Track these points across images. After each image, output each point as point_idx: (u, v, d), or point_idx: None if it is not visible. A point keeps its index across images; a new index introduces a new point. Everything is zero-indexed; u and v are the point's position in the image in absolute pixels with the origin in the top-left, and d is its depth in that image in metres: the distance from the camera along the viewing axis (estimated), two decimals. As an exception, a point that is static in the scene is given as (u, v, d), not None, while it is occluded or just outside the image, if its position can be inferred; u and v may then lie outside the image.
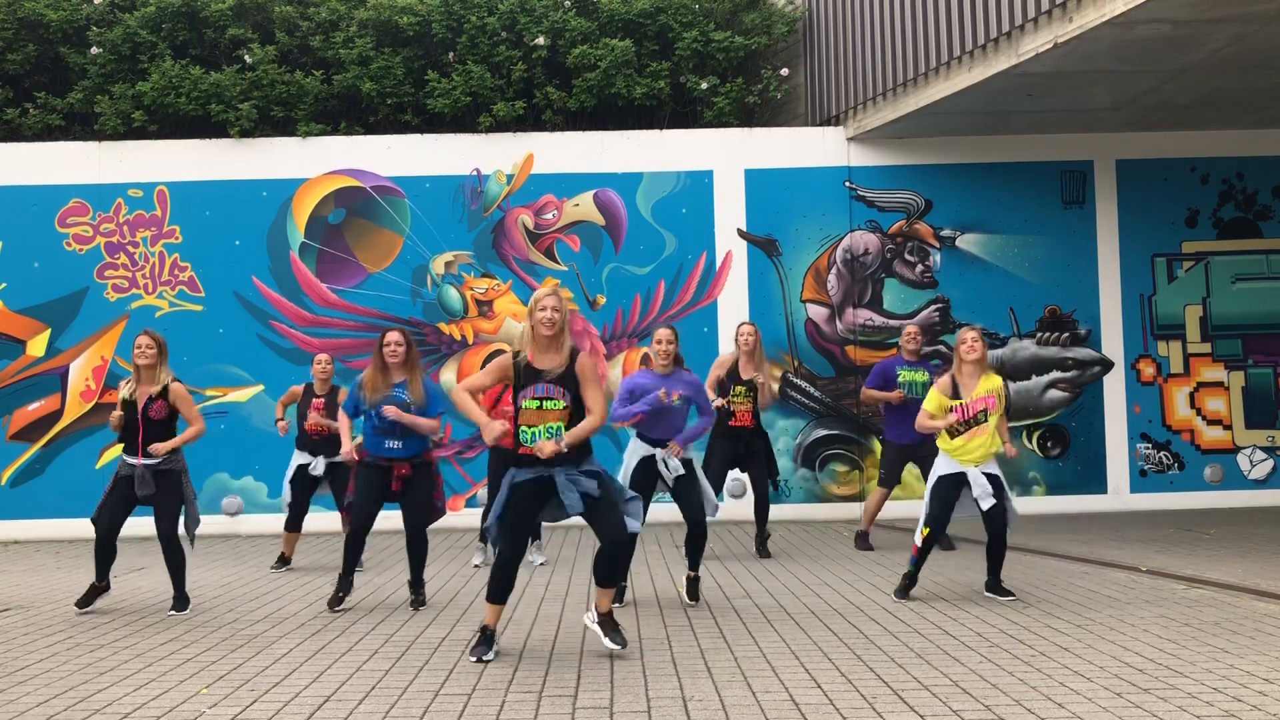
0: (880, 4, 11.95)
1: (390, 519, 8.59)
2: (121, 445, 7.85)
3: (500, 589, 6.19)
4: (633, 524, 6.23)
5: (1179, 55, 10.02)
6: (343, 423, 8.13)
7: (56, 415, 12.39)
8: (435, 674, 5.93)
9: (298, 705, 5.38)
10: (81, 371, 12.41)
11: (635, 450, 7.68)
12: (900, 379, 9.99)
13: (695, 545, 7.70)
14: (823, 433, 12.63)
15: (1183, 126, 12.61)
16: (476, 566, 9.60)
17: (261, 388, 12.42)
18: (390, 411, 7.56)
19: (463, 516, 12.01)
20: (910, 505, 11.10)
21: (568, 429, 6.05)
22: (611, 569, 6.25)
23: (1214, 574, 8.33)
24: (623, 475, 7.61)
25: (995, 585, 7.68)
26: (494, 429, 6.04)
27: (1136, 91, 11.25)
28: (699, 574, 7.84)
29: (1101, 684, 5.46)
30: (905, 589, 7.74)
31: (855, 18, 12.44)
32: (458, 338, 12.59)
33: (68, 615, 7.80)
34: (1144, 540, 10.27)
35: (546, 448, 5.96)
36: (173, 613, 7.71)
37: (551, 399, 6.04)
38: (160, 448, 7.65)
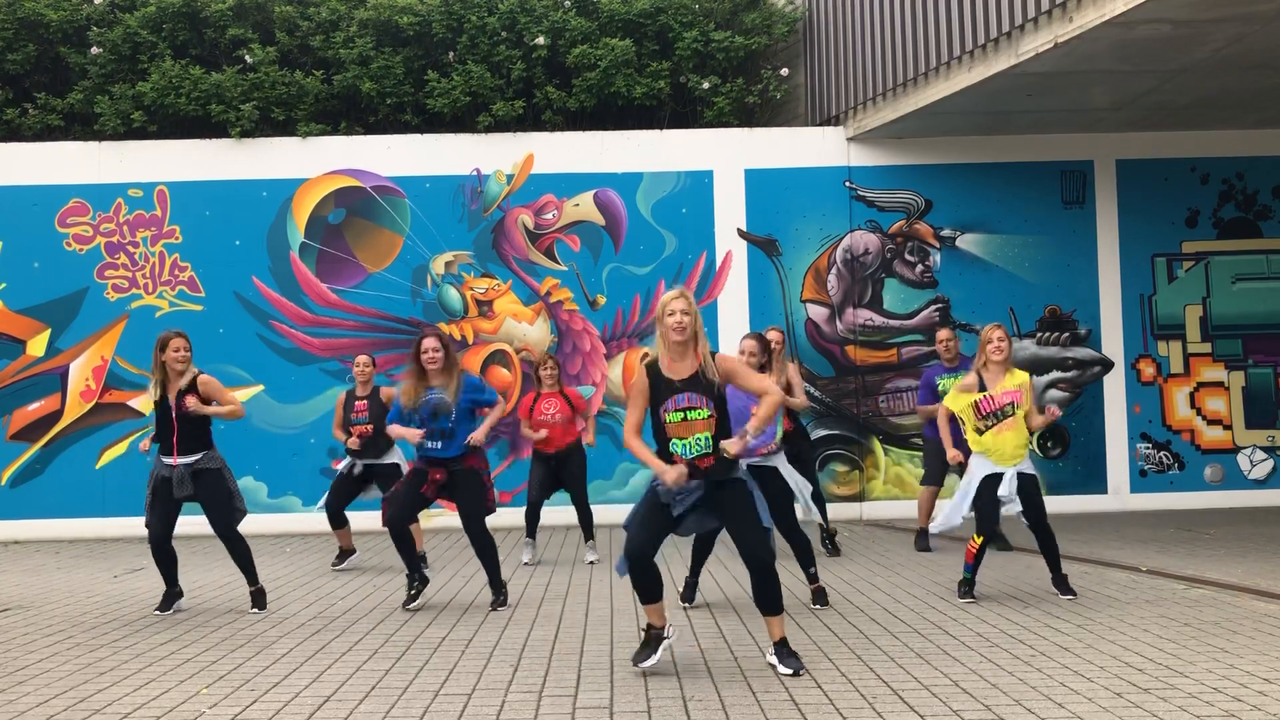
0: (880, 4, 11.95)
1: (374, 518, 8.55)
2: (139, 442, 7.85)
3: (647, 589, 5.82)
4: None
5: (1179, 55, 10.02)
6: (394, 429, 7.84)
7: (56, 415, 12.39)
8: (435, 674, 5.93)
9: (298, 705, 5.38)
10: (81, 371, 12.41)
11: None
12: (940, 387, 9.94)
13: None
14: (823, 433, 12.62)
15: (1183, 126, 12.61)
16: (525, 563, 9.64)
17: (261, 388, 12.42)
18: (477, 438, 7.56)
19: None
20: (911, 505, 11.08)
21: (714, 438, 5.66)
22: (760, 588, 5.75)
23: (1214, 574, 8.33)
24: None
25: (1059, 581, 7.58)
26: (671, 474, 5.61)
27: (1136, 91, 11.24)
28: (819, 583, 7.62)
29: (1101, 684, 5.46)
30: (968, 591, 7.60)
31: (855, 18, 12.43)
32: (458, 338, 12.58)
33: (68, 615, 7.80)
34: (1144, 540, 10.27)
35: (733, 447, 5.56)
36: (255, 611, 7.73)
37: (695, 408, 5.66)
38: (192, 403, 7.50)
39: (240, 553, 7.81)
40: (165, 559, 7.73)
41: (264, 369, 12.44)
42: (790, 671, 5.71)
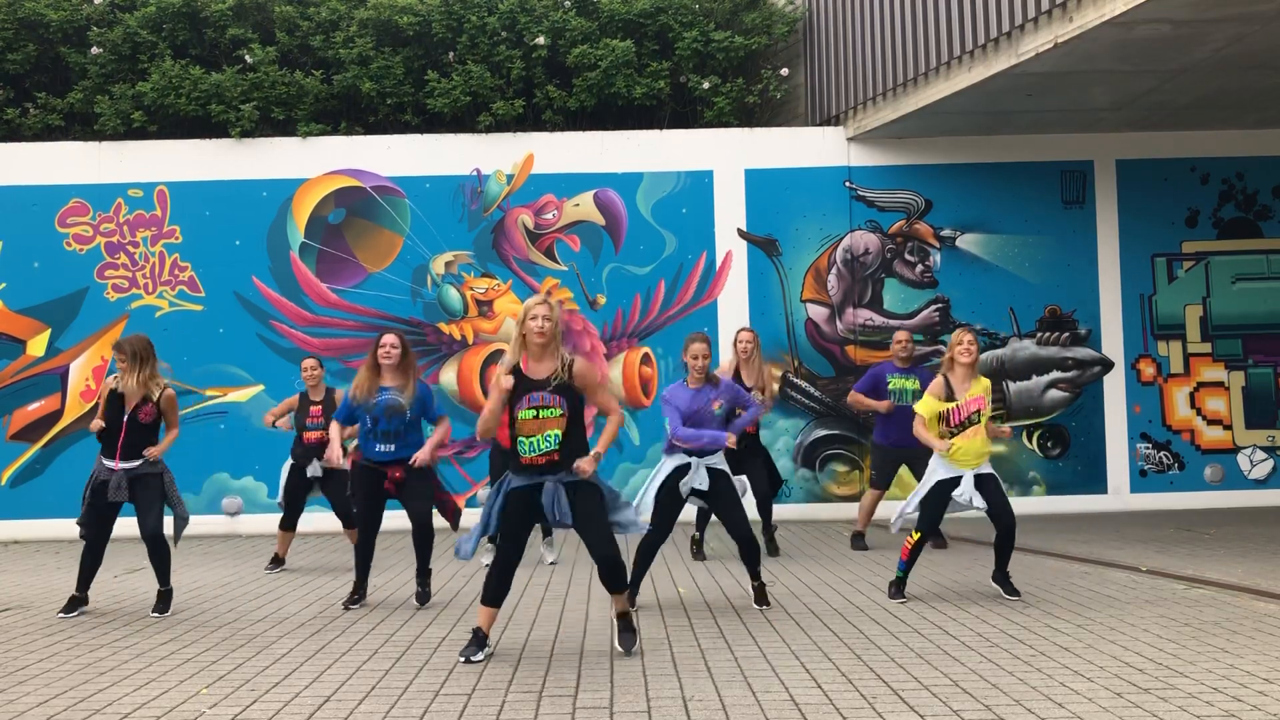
0: (880, 4, 11.95)
1: (397, 518, 8.56)
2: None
3: (493, 593, 6.19)
4: (627, 523, 6.26)
5: (1179, 55, 10.02)
6: (334, 431, 7.93)
7: (56, 415, 12.39)
8: (435, 674, 5.93)
9: (298, 705, 5.38)
10: (81, 371, 12.41)
11: (671, 461, 7.56)
12: (891, 386, 10.02)
13: (750, 556, 7.59)
14: (823, 433, 12.63)
15: (1183, 126, 12.61)
16: (486, 565, 9.60)
17: (261, 388, 12.42)
18: (423, 458, 7.65)
19: (463, 516, 11.98)
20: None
21: (565, 436, 6.05)
22: (609, 578, 6.24)
23: (1214, 574, 8.33)
24: (653, 479, 7.58)
25: (1002, 578, 7.63)
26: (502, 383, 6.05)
27: (1136, 91, 11.24)
28: (762, 580, 7.64)
29: (1101, 684, 5.46)
30: (899, 590, 7.75)
31: (855, 18, 12.44)
32: (458, 338, 12.59)
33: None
34: (1144, 540, 10.27)
35: (586, 467, 6.01)
36: (154, 614, 7.65)
37: (548, 407, 6.04)
38: (155, 452, 7.62)
39: (161, 557, 7.70)
40: (92, 563, 7.68)
41: (264, 369, 12.44)
42: (622, 650, 6.17)
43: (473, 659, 6.09)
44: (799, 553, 10.08)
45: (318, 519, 11.67)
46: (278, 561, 9.72)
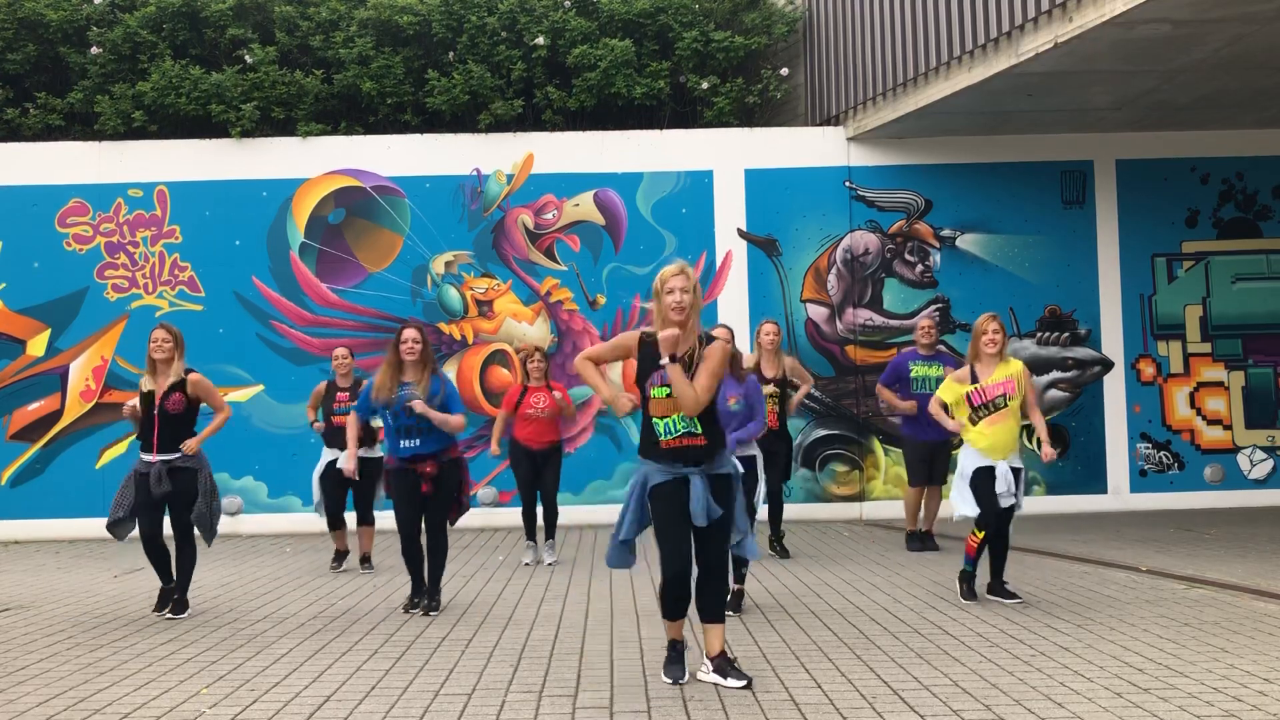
0: (880, 4, 11.95)
1: (388, 517, 8.56)
2: (132, 440, 7.82)
3: (677, 606, 5.58)
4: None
5: (1179, 55, 10.02)
6: (351, 427, 7.96)
7: (56, 415, 12.38)
8: (435, 674, 5.93)
9: (298, 705, 5.38)
10: (81, 371, 12.41)
11: None
12: (913, 374, 10.04)
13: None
14: (823, 433, 12.62)
15: (1183, 126, 12.60)
16: (526, 564, 9.65)
17: (261, 388, 12.42)
18: (418, 406, 7.40)
19: (464, 516, 11.95)
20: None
21: (704, 424, 5.47)
22: (714, 599, 5.62)
23: (1214, 574, 8.33)
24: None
25: (999, 587, 7.59)
26: (622, 402, 5.60)
27: (1136, 91, 11.24)
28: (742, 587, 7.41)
29: (1101, 684, 5.46)
30: (969, 590, 7.59)
31: (855, 18, 12.43)
32: (458, 338, 12.58)
33: (68, 615, 7.80)
34: (1144, 540, 10.27)
35: (667, 341, 5.35)
36: (169, 616, 7.63)
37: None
38: (192, 445, 7.58)
39: (186, 561, 7.69)
40: (157, 555, 7.67)
41: (264, 369, 12.44)
42: (739, 684, 5.48)
43: (679, 680, 5.58)
44: (799, 553, 10.08)
45: (318, 520, 11.67)
46: (340, 557, 9.66)
